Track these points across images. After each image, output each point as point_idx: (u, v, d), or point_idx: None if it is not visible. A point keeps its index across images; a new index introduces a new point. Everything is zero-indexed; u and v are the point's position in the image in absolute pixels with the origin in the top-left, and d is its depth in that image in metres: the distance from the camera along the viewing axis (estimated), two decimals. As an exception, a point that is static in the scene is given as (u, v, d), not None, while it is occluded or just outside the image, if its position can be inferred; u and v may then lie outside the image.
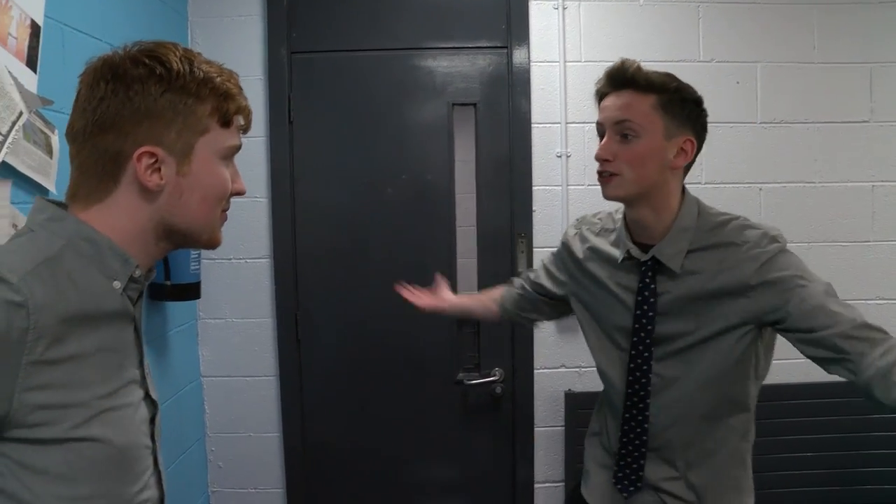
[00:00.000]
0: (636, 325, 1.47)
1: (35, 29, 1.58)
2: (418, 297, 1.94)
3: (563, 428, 2.55)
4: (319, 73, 2.51)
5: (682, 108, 1.39)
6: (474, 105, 2.55)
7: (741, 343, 1.39)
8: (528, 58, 2.52)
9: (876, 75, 2.53)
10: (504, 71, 2.54)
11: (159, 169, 0.94)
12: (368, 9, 2.53)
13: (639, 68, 1.42)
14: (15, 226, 1.46)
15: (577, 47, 2.53)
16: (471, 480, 2.62)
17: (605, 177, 1.43)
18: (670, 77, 1.42)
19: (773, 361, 2.38)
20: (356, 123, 2.54)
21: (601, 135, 1.46)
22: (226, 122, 0.98)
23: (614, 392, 1.54)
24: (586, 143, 2.53)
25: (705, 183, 2.53)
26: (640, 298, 1.46)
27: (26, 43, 1.55)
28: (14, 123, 1.45)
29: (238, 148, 1.02)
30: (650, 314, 1.45)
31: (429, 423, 2.59)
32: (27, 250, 0.88)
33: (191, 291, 2.22)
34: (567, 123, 2.53)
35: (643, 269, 1.47)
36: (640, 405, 1.48)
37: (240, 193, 1.04)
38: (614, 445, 1.56)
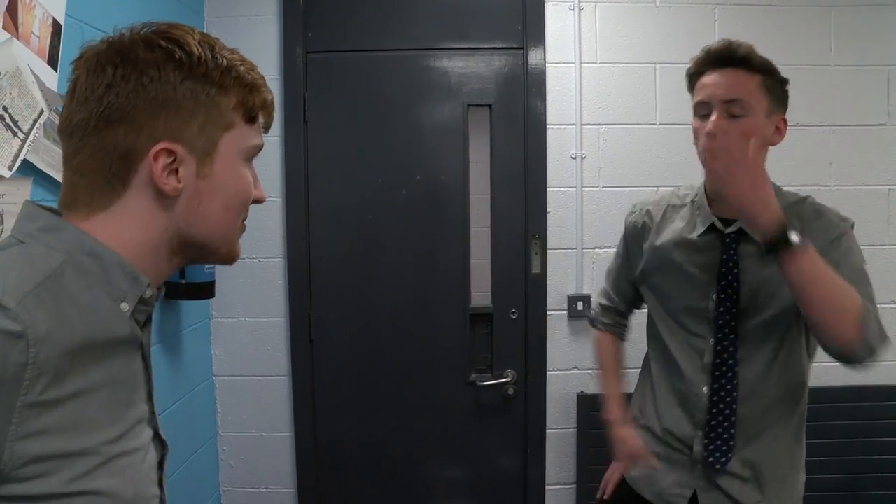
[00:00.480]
0: (721, 296, 1.49)
1: (56, 28, 1.58)
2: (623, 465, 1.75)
3: (575, 430, 2.54)
4: (335, 73, 2.51)
5: (780, 88, 1.47)
6: (489, 106, 2.55)
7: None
8: (544, 59, 2.51)
9: (893, 78, 2.52)
10: (519, 72, 2.53)
11: (177, 170, 0.81)
12: (384, 9, 2.53)
13: (750, 48, 1.45)
14: (36, 224, 1.46)
15: (592, 49, 2.52)
16: (482, 481, 2.61)
17: (706, 155, 1.41)
18: (767, 59, 1.47)
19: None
20: (371, 123, 2.54)
21: (702, 114, 1.46)
22: (251, 118, 0.86)
23: (679, 376, 1.57)
24: (601, 145, 2.52)
25: (720, 185, 2.51)
26: (723, 270, 1.49)
27: (48, 42, 1.55)
28: (35, 121, 1.46)
29: (260, 148, 0.90)
30: (735, 284, 1.47)
31: (441, 423, 2.59)
32: (21, 267, 0.73)
33: (205, 290, 2.22)
34: (582, 125, 2.52)
35: (727, 241, 1.50)
36: (728, 381, 1.50)
37: (259, 201, 0.91)
38: (667, 424, 1.59)
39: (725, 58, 1.44)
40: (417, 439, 2.59)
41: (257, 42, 2.50)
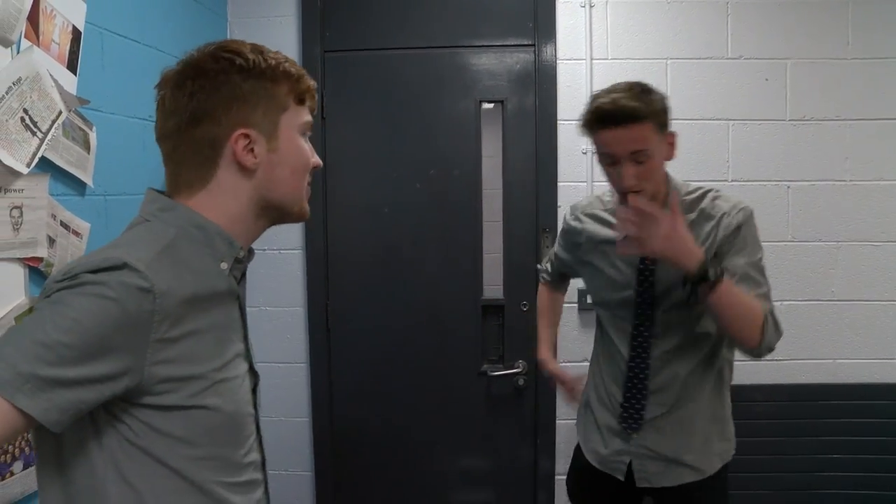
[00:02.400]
0: (639, 289, 1.73)
1: (76, 34, 1.70)
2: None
3: (584, 421, 2.58)
4: (351, 71, 2.60)
5: (663, 115, 1.61)
6: (502, 102, 2.60)
7: None
8: (555, 55, 2.55)
9: (912, 71, 2.48)
10: (531, 68, 2.58)
11: (253, 149, 1.03)
12: (399, 8, 2.60)
13: (632, 105, 1.56)
14: (54, 216, 1.58)
15: (603, 45, 2.55)
16: (493, 470, 2.68)
17: (633, 195, 1.60)
18: (648, 94, 1.59)
19: (803, 361, 2.54)
20: (386, 119, 2.62)
21: (609, 163, 1.63)
22: (300, 100, 1.08)
23: (618, 355, 1.81)
24: (612, 140, 2.55)
25: (731, 181, 2.52)
26: (641, 266, 1.72)
27: (67, 48, 1.67)
28: (53, 122, 1.57)
29: (311, 124, 1.12)
30: (651, 280, 1.71)
31: (453, 412, 2.66)
32: (147, 240, 0.97)
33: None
34: (593, 120, 2.55)
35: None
36: (642, 360, 1.76)
37: (317, 167, 1.12)
38: (616, 396, 1.82)
39: (618, 119, 1.56)
40: (430, 427, 2.67)
41: (277, 42, 2.59)
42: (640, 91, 1.59)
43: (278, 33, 2.61)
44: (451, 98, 2.60)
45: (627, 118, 1.55)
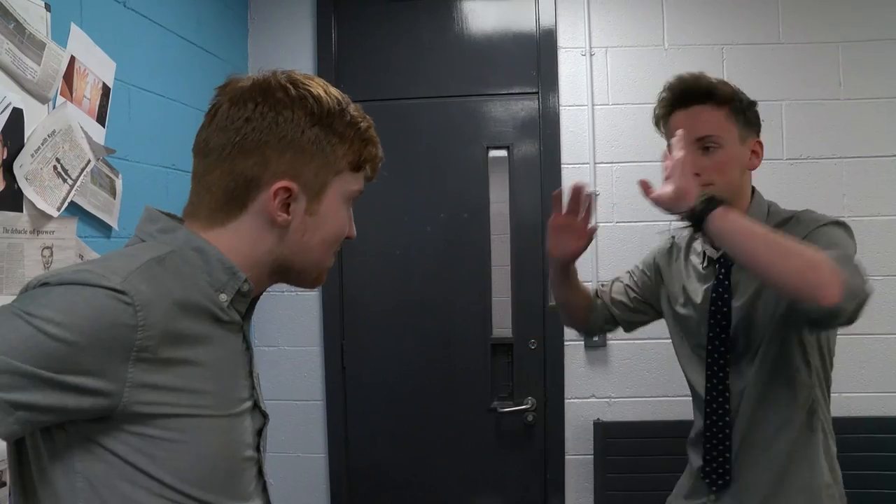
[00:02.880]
0: (711, 321, 1.49)
1: (105, 90, 1.86)
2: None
3: (593, 456, 2.62)
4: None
5: (749, 113, 1.50)
6: (508, 147, 2.72)
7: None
8: (558, 102, 2.67)
9: (905, 110, 2.56)
10: (535, 115, 2.70)
11: (289, 204, 0.93)
12: (410, 59, 2.75)
13: (710, 82, 1.48)
14: (81, 256, 1.71)
15: (604, 91, 2.67)
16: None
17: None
18: (730, 85, 1.50)
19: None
20: (399, 165, 2.74)
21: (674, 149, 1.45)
22: (358, 168, 0.99)
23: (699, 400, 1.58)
24: (614, 182, 2.65)
25: (732, 218, 2.59)
26: (714, 295, 1.50)
27: (97, 102, 1.83)
28: (83, 170, 1.72)
29: (361, 193, 1.02)
30: (724, 310, 1.47)
31: (464, 448, 2.72)
32: (132, 255, 0.87)
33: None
34: (596, 163, 2.66)
35: (717, 266, 1.52)
36: (720, 407, 1.50)
37: (350, 238, 1.03)
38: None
39: (689, 95, 1.47)
40: (442, 463, 2.73)
41: (295, 95, 2.76)
42: (725, 83, 1.50)
43: (296, 86, 2.76)
44: (460, 145, 2.73)
45: (700, 96, 1.45)
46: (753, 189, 1.55)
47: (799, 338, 1.45)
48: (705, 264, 1.58)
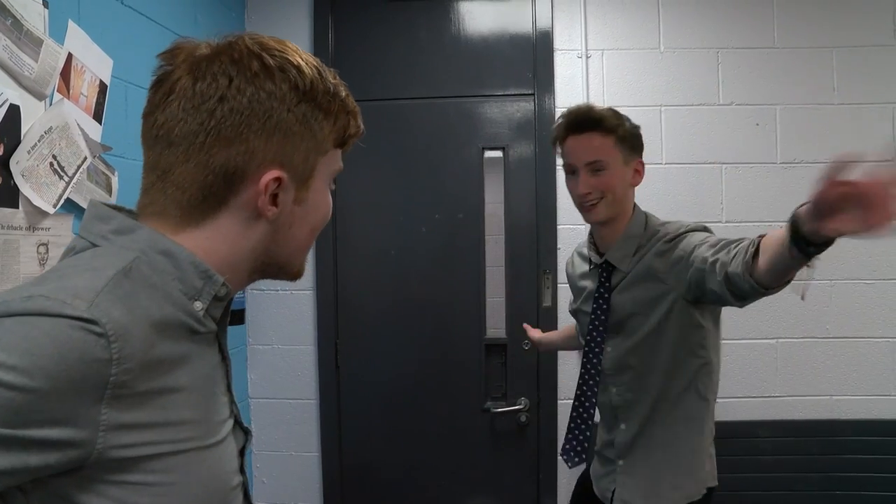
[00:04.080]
0: (591, 316, 1.75)
1: (102, 87, 1.86)
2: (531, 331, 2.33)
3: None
4: (362, 121, 2.74)
5: (632, 138, 1.72)
6: (503, 149, 2.73)
7: (674, 318, 1.63)
8: (554, 104, 2.68)
9: (899, 115, 2.58)
10: (531, 117, 2.71)
11: (277, 195, 0.80)
12: (406, 61, 2.76)
13: (601, 113, 1.71)
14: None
15: (599, 94, 2.68)
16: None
17: (587, 206, 1.72)
18: (618, 115, 1.73)
19: (801, 398, 2.55)
20: (394, 166, 2.75)
21: (570, 172, 1.75)
22: (342, 144, 0.87)
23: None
24: (609, 184, 2.65)
25: (726, 222, 2.61)
26: (596, 295, 1.76)
27: (94, 99, 1.83)
28: (79, 167, 1.72)
29: (341, 170, 0.91)
30: (604, 307, 1.74)
31: (458, 447, 2.73)
32: (93, 268, 0.71)
33: (236, 317, 2.45)
34: (591, 165, 2.66)
35: (600, 271, 1.78)
36: (592, 387, 1.77)
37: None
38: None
39: (583, 123, 1.69)
40: (435, 462, 2.74)
41: (291, 94, 2.76)
42: (613, 112, 1.72)
43: (292, 85, 2.77)
44: (455, 145, 2.74)
45: (589, 125, 1.67)
46: (635, 205, 1.78)
47: (677, 320, 1.65)
48: (591, 268, 1.85)
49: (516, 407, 2.68)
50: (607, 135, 1.67)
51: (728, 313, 2.56)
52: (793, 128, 2.61)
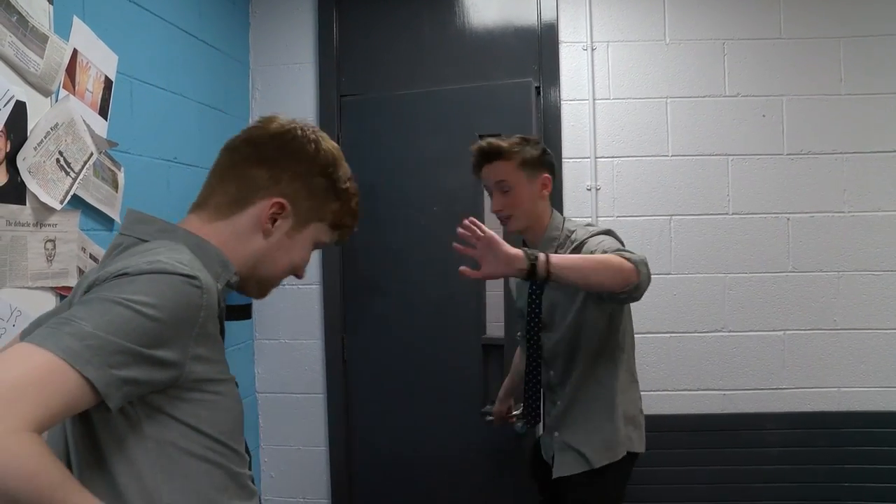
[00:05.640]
0: (528, 310, 2.02)
1: (108, 83, 1.86)
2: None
3: (592, 450, 2.63)
4: (366, 114, 2.74)
5: (534, 159, 1.94)
6: (508, 141, 2.71)
7: (588, 310, 1.87)
8: (559, 96, 2.67)
9: (906, 105, 2.56)
10: (536, 109, 2.70)
11: (276, 219, 1.10)
12: (411, 53, 2.75)
13: (500, 146, 1.93)
14: (84, 249, 1.72)
15: (605, 86, 2.67)
16: (501, 498, 2.73)
17: (502, 220, 1.97)
18: (518, 144, 1.95)
19: (808, 390, 2.60)
20: (397, 158, 2.74)
21: (490, 194, 1.97)
22: (335, 227, 1.17)
23: None
24: (615, 177, 2.65)
25: (732, 214, 2.60)
26: (529, 291, 2.01)
27: (100, 95, 1.83)
28: (85, 163, 1.72)
29: (326, 245, 1.21)
30: (537, 301, 1.99)
31: (458, 445, 2.72)
32: (175, 248, 1.00)
33: (244, 312, 2.45)
34: (597, 158, 2.66)
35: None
36: (537, 371, 2.04)
37: (298, 277, 1.20)
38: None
39: (487, 155, 1.95)
40: (438, 459, 2.73)
41: (296, 87, 2.76)
42: (518, 140, 1.95)
43: (297, 79, 2.77)
44: (458, 138, 2.71)
45: (493, 156, 1.93)
46: (553, 210, 1.99)
47: (591, 311, 1.88)
48: None
49: (515, 412, 2.66)
50: (509, 160, 1.92)
51: (739, 307, 2.60)
52: (799, 119, 2.59)
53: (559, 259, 1.62)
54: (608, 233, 1.89)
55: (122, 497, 0.93)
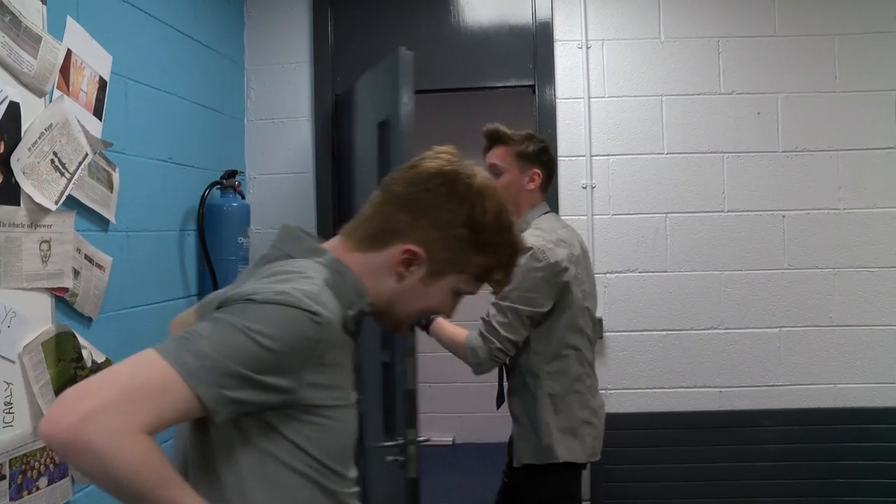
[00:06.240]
0: None
1: (102, 84, 1.86)
2: None
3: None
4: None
5: (529, 153, 2.04)
6: (504, 140, 2.72)
7: None
8: (554, 95, 2.68)
9: (900, 102, 2.57)
10: (532, 107, 2.70)
11: (411, 264, 1.09)
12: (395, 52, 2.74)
13: (502, 132, 2.05)
14: (79, 250, 1.71)
15: (600, 84, 2.67)
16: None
17: None
18: (525, 135, 2.07)
19: (804, 386, 2.63)
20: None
21: None
22: (479, 279, 1.13)
23: None
24: (611, 175, 2.65)
25: (728, 211, 2.61)
26: None
27: (94, 96, 1.82)
28: (80, 164, 1.72)
29: (471, 293, 1.16)
30: None
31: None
32: (310, 277, 1.02)
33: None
34: (592, 156, 2.66)
35: None
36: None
37: (446, 315, 1.21)
38: None
39: (488, 139, 2.09)
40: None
41: (291, 87, 2.76)
42: (525, 134, 2.06)
43: (292, 79, 2.77)
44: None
45: (493, 139, 2.06)
46: (537, 205, 2.09)
47: None
48: None
49: (520, 398, 2.68)
50: (504, 145, 2.04)
51: (735, 304, 2.60)
52: (794, 116, 2.60)
53: (436, 327, 2.00)
54: (531, 255, 1.93)
55: (223, 498, 1.01)
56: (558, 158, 2.66)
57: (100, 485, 0.87)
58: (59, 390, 1.60)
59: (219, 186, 2.39)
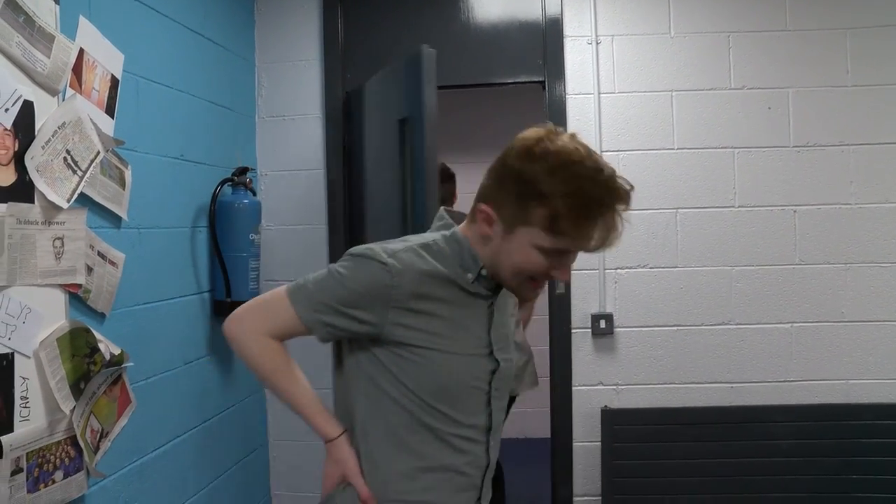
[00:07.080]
0: None
1: (114, 82, 1.87)
2: None
3: (600, 443, 2.63)
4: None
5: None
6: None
7: None
8: (564, 91, 2.67)
9: (913, 96, 2.55)
10: (542, 104, 2.70)
11: (491, 225, 1.21)
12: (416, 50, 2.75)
13: None
14: (91, 247, 1.73)
15: (610, 79, 2.67)
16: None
17: None
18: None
19: (816, 382, 2.61)
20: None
21: None
22: (551, 231, 1.15)
23: None
24: (621, 170, 2.59)
25: (739, 206, 2.60)
26: None
27: (106, 94, 1.84)
28: (92, 161, 1.73)
29: (558, 251, 1.18)
30: None
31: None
32: (406, 240, 1.27)
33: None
34: (602, 152, 2.65)
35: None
36: None
37: (562, 280, 1.36)
38: None
39: None
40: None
41: (302, 84, 2.78)
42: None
43: (303, 76, 2.78)
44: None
45: None
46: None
47: None
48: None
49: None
50: None
51: (746, 299, 2.60)
52: (806, 111, 2.59)
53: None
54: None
55: (344, 407, 1.30)
56: (568, 154, 2.67)
57: (247, 367, 1.28)
58: (73, 385, 1.63)
59: (230, 183, 2.41)
